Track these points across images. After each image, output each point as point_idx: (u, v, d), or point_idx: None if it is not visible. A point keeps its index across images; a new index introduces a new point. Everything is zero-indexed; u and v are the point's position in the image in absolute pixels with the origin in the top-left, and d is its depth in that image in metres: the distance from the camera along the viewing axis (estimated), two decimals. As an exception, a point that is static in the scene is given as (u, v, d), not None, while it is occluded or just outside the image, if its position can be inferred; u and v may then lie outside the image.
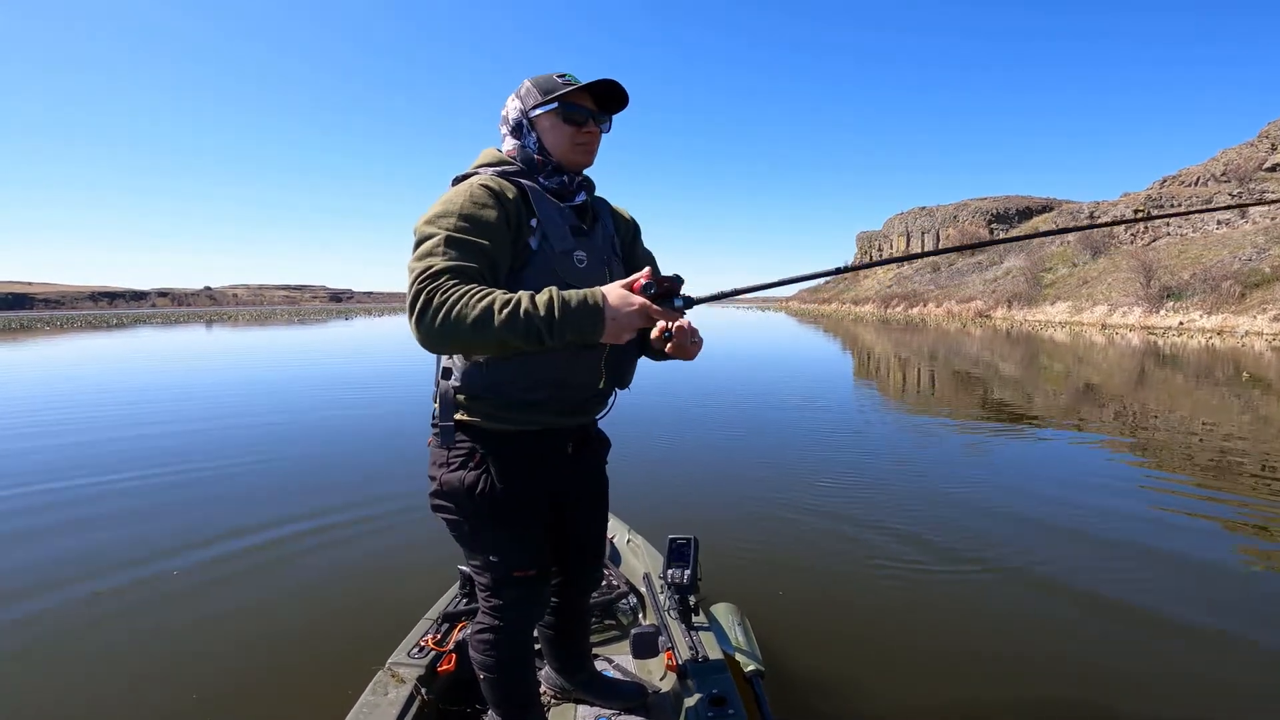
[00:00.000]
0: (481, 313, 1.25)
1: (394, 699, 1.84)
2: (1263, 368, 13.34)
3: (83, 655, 2.69)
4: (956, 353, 17.64)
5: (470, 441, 1.55)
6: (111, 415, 8.23)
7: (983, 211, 76.24)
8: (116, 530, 4.11)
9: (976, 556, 3.62)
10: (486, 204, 1.43)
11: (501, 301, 1.26)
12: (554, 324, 1.26)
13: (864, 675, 2.53)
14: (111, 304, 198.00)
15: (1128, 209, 45.76)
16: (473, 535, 1.59)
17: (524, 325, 1.25)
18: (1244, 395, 9.74)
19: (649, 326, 1.33)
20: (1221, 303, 26.36)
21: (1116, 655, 2.65)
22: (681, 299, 1.33)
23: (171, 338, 29.14)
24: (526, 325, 1.25)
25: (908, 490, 4.83)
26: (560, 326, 1.26)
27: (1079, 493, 4.75)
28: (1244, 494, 4.76)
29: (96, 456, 6.02)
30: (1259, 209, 36.67)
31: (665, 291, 1.32)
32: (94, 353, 20.44)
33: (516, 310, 1.25)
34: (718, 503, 4.65)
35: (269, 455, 6.10)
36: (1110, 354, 16.99)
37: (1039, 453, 6.21)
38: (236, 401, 9.47)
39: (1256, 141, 42.38)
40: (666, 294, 1.32)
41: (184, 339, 28.03)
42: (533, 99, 1.54)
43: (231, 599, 3.17)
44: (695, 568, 2.24)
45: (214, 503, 4.64)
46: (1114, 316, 30.99)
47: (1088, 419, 7.86)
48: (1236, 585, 3.31)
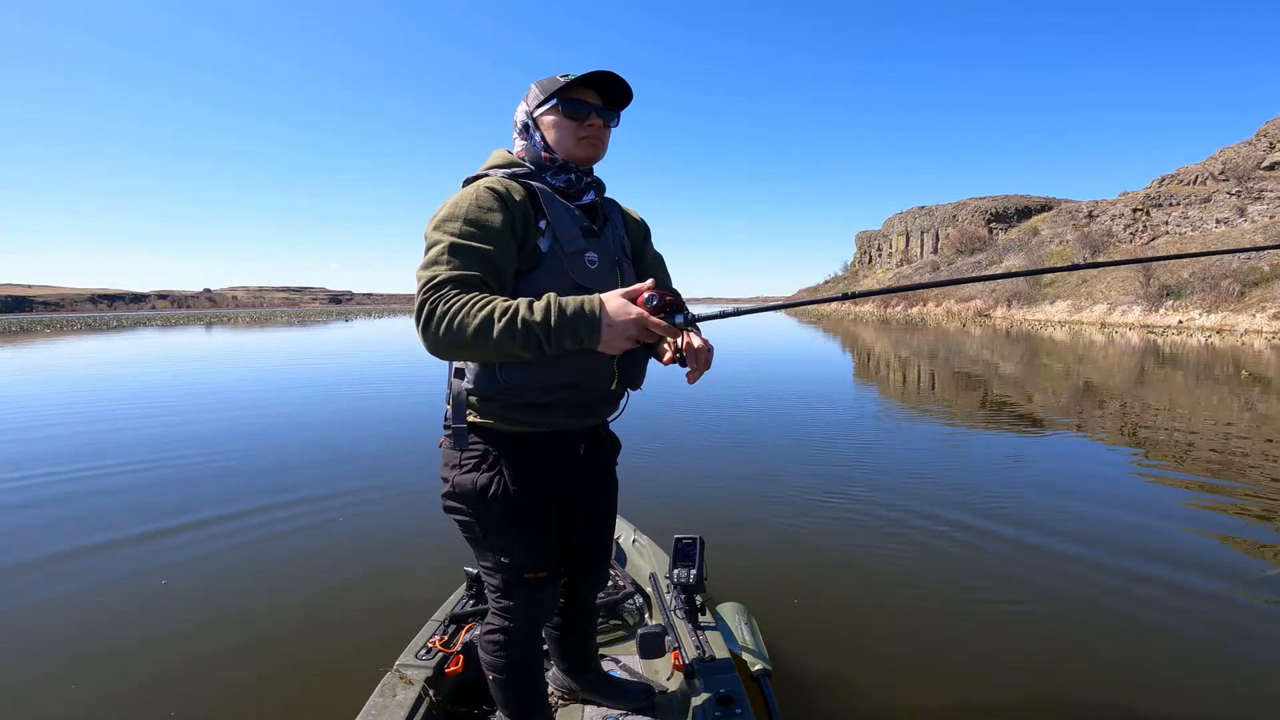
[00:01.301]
0: (481, 322, 1.27)
1: (402, 700, 1.85)
2: (1262, 366, 13.35)
3: (93, 657, 2.70)
4: (959, 352, 17.65)
5: (483, 443, 1.56)
6: (109, 417, 8.24)
7: (982, 211, 76.22)
8: (123, 531, 4.11)
9: (984, 559, 3.62)
10: (491, 208, 1.44)
11: (501, 310, 1.27)
12: (551, 332, 1.27)
13: (871, 675, 2.53)
14: (111, 306, 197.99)
15: (1126, 207, 45.69)
16: (484, 537, 1.59)
17: (522, 333, 1.26)
18: (1244, 394, 9.75)
19: (647, 339, 1.32)
20: (1220, 301, 26.37)
21: (1119, 656, 2.66)
22: (684, 315, 1.31)
23: (173, 340, 29.12)
24: (525, 333, 1.27)
25: (910, 491, 4.83)
26: (557, 334, 1.27)
27: (1090, 497, 4.71)
28: (1248, 485, 4.78)
29: (101, 459, 6.02)
30: (1258, 207, 36.69)
31: (667, 306, 1.30)
32: (113, 356, 20.42)
33: (515, 319, 1.27)
34: (722, 503, 4.66)
35: (270, 456, 6.12)
36: (1110, 353, 17.00)
37: (1045, 455, 6.19)
38: (240, 397, 9.48)
39: (1255, 140, 42.31)
40: (669, 308, 1.30)
41: (185, 340, 28.02)
42: (536, 99, 1.56)
43: (239, 601, 3.18)
44: (701, 567, 2.24)
45: (216, 503, 4.65)
46: (1113, 315, 30.98)
47: (1095, 422, 7.86)
48: (1243, 583, 3.31)
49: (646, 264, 1.78)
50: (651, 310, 1.29)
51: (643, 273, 1.75)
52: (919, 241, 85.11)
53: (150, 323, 61.98)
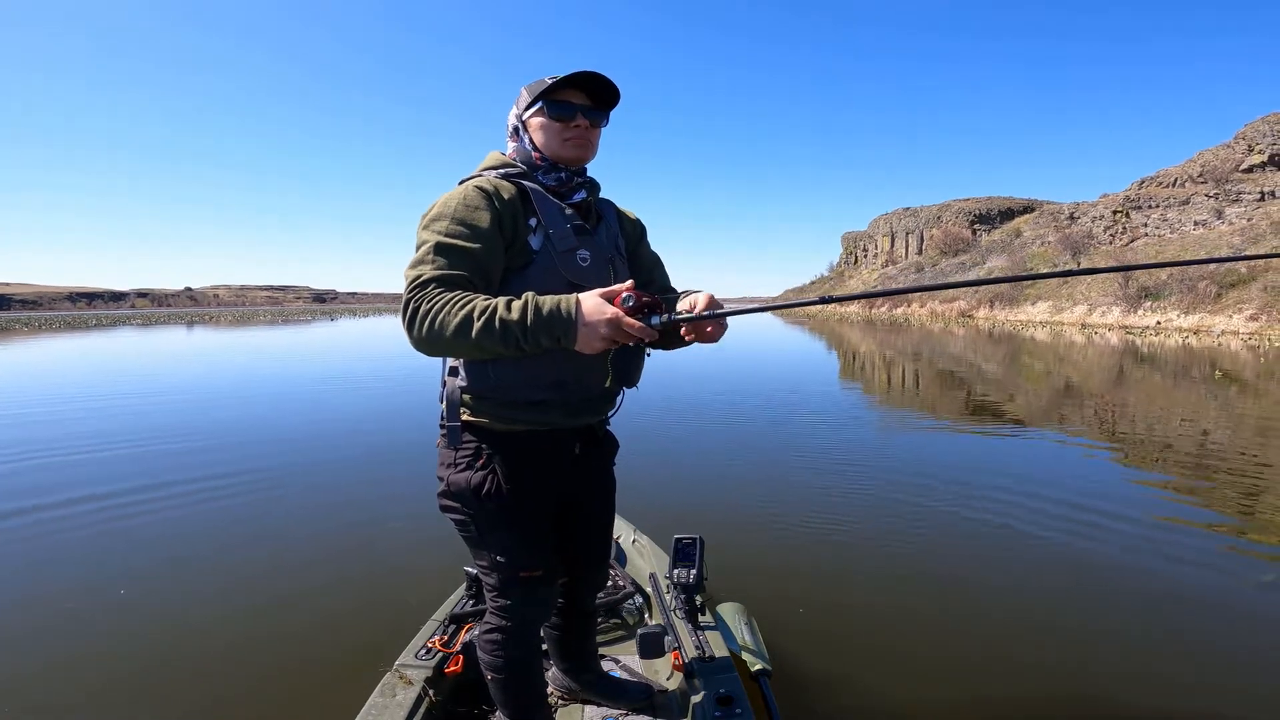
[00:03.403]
0: (461, 321, 1.28)
1: (402, 700, 1.85)
2: (1238, 366, 13.60)
3: (90, 655, 2.69)
4: (944, 352, 17.82)
5: (477, 442, 1.56)
6: (111, 416, 8.15)
7: (965, 212, 76.93)
8: (125, 530, 4.11)
9: (984, 558, 3.64)
10: (479, 206, 1.45)
11: (480, 309, 1.29)
12: (527, 330, 1.28)
13: (871, 675, 2.54)
14: (90, 304, 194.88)
15: (1106, 209, 46.34)
16: (480, 536, 1.60)
17: (500, 332, 1.27)
18: (1220, 393, 9.93)
19: (624, 340, 1.31)
20: (1198, 302, 26.83)
21: (1119, 655, 2.68)
22: (660, 317, 1.31)
23: (155, 340, 28.74)
24: (503, 332, 1.27)
25: (910, 491, 4.86)
26: (533, 333, 1.28)
27: (1089, 499, 4.67)
28: (1221, 487, 4.88)
29: (105, 460, 5.96)
30: (1235, 209, 37.32)
31: (644, 307, 1.31)
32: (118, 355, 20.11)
33: (492, 318, 1.28)
34: (722, 503, 4.67)
35: (271, 457, 6.08)
36: (1089, 354, 17.24)
37: (1045, 454, 6.22)
38: (236, 404, 9.38)
39: (1233, 143, 42.99)
40: (646, 309, 1.31)
41: (166, 340, 27.67)
42: (524, 103, 1.58)
43: (238, 601, 3.17)
44: (701, 567, 2.25)
45: (218, 502, 4.63)
46: (1093, 316, 31.42)
47: (1093, 426, 7.96)
48: (1235, 583, 3.35)
49: (643, 263, 1.78)
50: (628, 311, 1.29)
51: (638, 272, 1.75)
52: (904, 242, 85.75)
53: (130, 321, 61.08)
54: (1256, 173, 39.63)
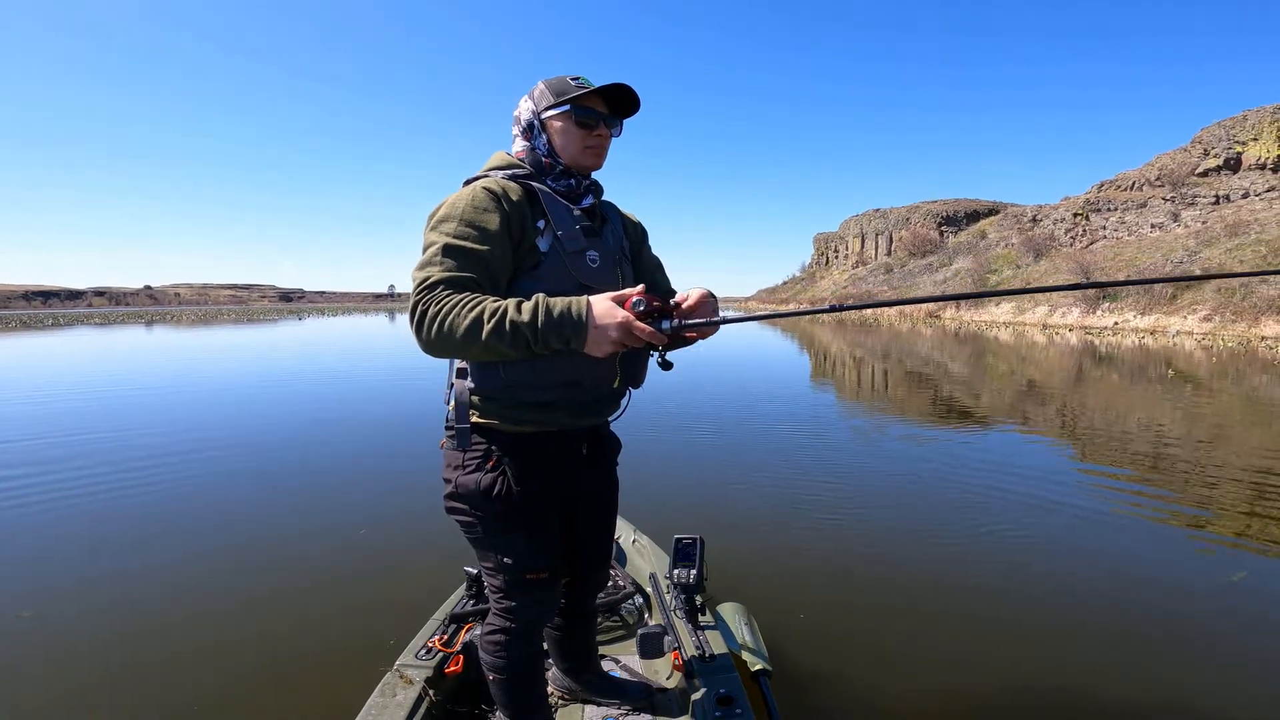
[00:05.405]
0: (471, 323, 1.29)
1: (402, 700, 1.85)
2: (1193, 365, 14.04)
3: (89, 654, 2.66)
4: (912, 353, 18.12)
5: (486, 443, 1.56)
6: (107, 415, 7.91)
7: (933, 214, 78.08)
8: (123, 530, 4.09)
9: (984, 558, 3.67)
10: (487, 208, 1.46)
11: (490, 311, 1.30)
12: (537, 332, 1.29)
13: (871, 675, 2.55)
14: (46, 304, 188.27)
15: (1067, 212, 47.47)
16: (487, 537, 1.60)
17: (510, 334, 1.29)
18: (1174, 391, 10.24)
19: (633, 344, 1.32)
20: (1154, 304, 27.55)
21: (1119, 655, 2.70)
22: (670, 322, 1.34)
23: (117, 338, 27.91)
24: (513, 334, 1.29)
25: (909, 491, 4.90)
26: (544, 335, 1.29)
27: (1083, 498, 4.73)
28: (1179, 483, 5.05)
29: (107, 457, 5.86)
30: (1191, 212, 38.52)
31: (654, 311, 1.32)
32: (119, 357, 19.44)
33: (503, 320, 1.29)
34: (723, 503, 4.66)
35: (272, 457, 6.04)
36: (1051, 353, 17.67)
37: (1043, 455, 6.26)
38: (233, 404, 9.22)
39: (1190, 147, 44.20)
40: (656, 314, 1.33)
41: (126, 339, 26.89)
42: (545, 100, 1.56)
43: (238, 600, 3.15)
44: (701, 567, 2.27)
45: (219, 502, 4.61)
46: (1054, 317, 32.11)
47: (1094, 425, 8.13)
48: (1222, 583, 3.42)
49: (644, 266, 1.80)
50: (638, 315, 1.31)
51: (640, 275, 1.77)
52: (874, 243, 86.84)
53: (88, 320, 59.23)
54: (1211, 176, 40.92)
